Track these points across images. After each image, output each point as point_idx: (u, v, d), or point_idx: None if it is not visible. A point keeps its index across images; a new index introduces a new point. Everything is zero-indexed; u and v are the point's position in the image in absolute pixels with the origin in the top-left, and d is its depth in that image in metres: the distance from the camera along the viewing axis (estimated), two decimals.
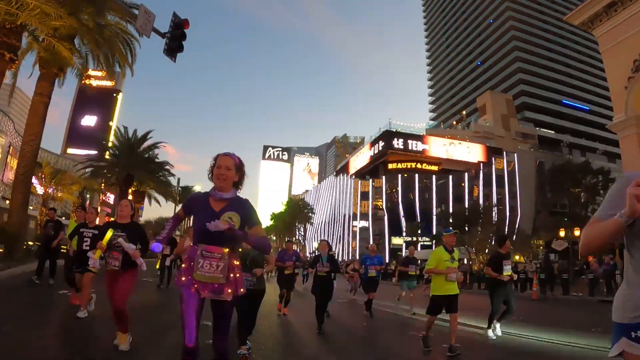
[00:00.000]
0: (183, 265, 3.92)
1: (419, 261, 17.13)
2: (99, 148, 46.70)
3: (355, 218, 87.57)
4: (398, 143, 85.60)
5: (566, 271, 29.61)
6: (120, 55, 23.93)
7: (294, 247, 15.79)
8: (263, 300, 7.69)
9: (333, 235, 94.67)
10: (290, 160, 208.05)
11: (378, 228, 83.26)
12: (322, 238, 45.88)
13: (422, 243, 74.35)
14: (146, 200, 44.82)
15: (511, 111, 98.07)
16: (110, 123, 72.30)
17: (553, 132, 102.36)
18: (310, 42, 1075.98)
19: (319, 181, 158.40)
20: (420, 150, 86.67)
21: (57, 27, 18.49)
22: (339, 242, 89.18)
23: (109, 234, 6.35)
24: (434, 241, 70.12)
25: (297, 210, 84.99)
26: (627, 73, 44.72)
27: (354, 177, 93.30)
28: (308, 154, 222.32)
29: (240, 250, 5.24)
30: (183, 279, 3.80)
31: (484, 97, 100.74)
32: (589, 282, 26.33)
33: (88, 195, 55.89)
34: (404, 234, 78.33)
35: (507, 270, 9.80)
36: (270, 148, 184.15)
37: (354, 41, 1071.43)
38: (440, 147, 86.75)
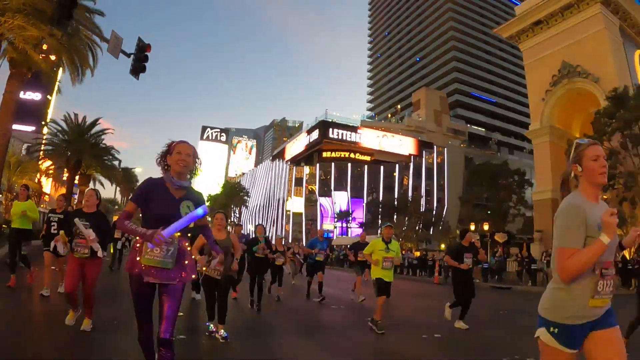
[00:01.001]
0: (133, 250, 3.83)
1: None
2: (38, 123, 47.37)
3: (289, 203, 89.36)
4: (333, 133, 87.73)
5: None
6: (83, 60, 25.58)
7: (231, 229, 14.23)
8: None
9: (267, 218, 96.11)
10: (228, 142, 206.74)
11: (310, 213, 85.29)
12: (259, 222, 47.54)
13: (351, 229, 77.50)
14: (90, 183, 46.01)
15: (444, 108, 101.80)
16: (49, 97, 71.26)
17: (484, 130, 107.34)
18: (253, 21, 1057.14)
19: (256, 164, 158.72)
20: (354, 140, 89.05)
21: (31, 36, 20.05)
22: (273, 225, 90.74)
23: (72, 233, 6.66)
24: (362, 228, 73.35)
25: (233, 193, 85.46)
26: (545, 86, 48.50)
27: (289, 163, 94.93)
28: (246, 136, 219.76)
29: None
30: (132, 264, 3.76)
31: (419, 93, 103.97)
32: (481, 271, 29.43)
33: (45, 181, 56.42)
34: (335, 219, 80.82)
35: (468, 263, 10.10)
36: (208, 129, 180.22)
37: (298, 25, 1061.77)
38: (374, 139, 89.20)
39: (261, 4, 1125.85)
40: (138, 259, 3.69)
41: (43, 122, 50.11)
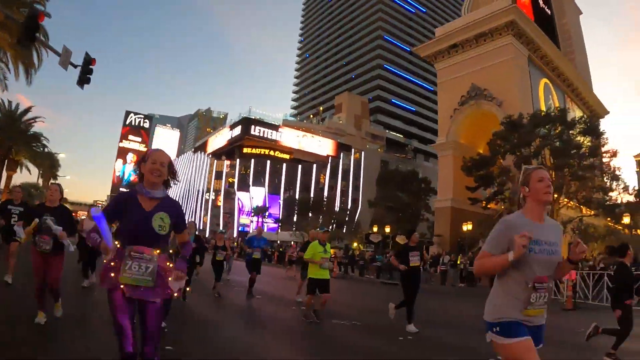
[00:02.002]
0: (109, 266, 3.60)
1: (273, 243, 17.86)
2: None
3: (208, 195, 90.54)
4: (255, 130, 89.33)
5: (362, 258, 36.65)
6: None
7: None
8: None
9: (186, 209, 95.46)
10: (151, 129, 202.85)
11: (229, 206, 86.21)
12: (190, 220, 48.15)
13: (267, 224, 79.46)
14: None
15: (365, 113, 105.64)
16: None
17: (401, 136, 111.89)
18: (185, 4, 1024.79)
19: (178, 154, 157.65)
20: (275, 139, 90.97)
21: None
22: (192, 216, 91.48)
23: (34, 224, 6.58)
24: (279, 224, 76.15)
25: None
26: (454, 105, 52.50)
27: (210, 156, 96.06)
28: (170, 125, 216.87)
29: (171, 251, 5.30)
30: (110, 282, 3.55)
31: (341, 97, 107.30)
32: (377, 269, 32.83)
33: None
34: (252, 214, 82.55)
35: (415, 262, 10.40)
36: (132, 114, 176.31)
37: (233, 17, 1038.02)
38: (294, 138, 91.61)
39: None
40: (113, 275, 3.54)
41: None
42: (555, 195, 36.96)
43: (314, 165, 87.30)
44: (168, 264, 3.79)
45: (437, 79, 60.47)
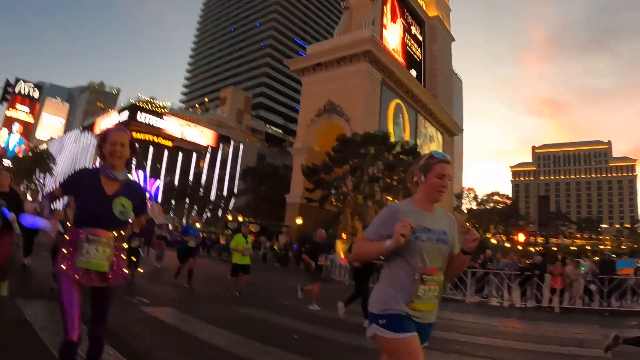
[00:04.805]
0: (63, 250, 3.42)
1: None
2: None
3: None
4: (141, 117, 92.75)
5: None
6: None
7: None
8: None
9: None
10: (40, 99, 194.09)
11: None
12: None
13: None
14: None
15: (247, 107, 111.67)
16: None
17: (281, 132, 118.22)
18: None
19: (66, 127, 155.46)
20: (160, 127, 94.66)
21: None
22: None
23: None
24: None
25: (40, 158, 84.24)
26: (312, 116, 60.97)
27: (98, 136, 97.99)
28: (60, 98, 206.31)
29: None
30: (64, 266, 3.35)
31: (227, 91, 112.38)
32: (219, 249, 38.79)
33: None
34: None
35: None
36: (21, 81, 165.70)
37: None
38: (177, 127, 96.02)
39: None
40: (67, 262, 3.36)
41: None
42: (389, 198, 45.29)
43: (194, 154, 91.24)
44: (123, 246, 3.67)
45: (302, 91, 68.61)
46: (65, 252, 3.42)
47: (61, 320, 3.32)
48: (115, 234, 3.51)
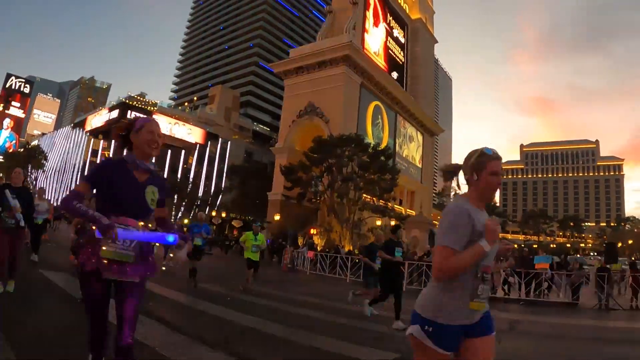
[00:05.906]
0: (87, 242, 3.32)
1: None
2: None
3: (84, 171, 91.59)
4: (131, 115, 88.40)
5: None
6: None
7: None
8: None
9: (62, 183, 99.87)
10: (31, 96, 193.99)
11: None
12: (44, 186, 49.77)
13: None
14: None
15: (235, 106, 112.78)
16: None
17: (268, 130, 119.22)
18: None
19: (56, 124, 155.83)
20: None
21: None
22: (67, 191, 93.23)
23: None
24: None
25: (31, 154, 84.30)
26: (293, 117, 63.79)
27: (88, 133, 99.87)
28: (51, 94, 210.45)
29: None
30: (90, 259, 3.22)
31: (215, 89, 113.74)
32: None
33: None
34: None
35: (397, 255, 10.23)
36: (13, 77, 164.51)
37: None
38: (166, 125, 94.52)
39: None
40: (94, 255, 3.21)
41: None
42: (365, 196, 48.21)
43: (182, 151, 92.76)
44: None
45: (284, 93, 71.50)
46: (92, 244, 3.26)
47: (88, 317, 3.31)
48: (142, 223, 3.42)
